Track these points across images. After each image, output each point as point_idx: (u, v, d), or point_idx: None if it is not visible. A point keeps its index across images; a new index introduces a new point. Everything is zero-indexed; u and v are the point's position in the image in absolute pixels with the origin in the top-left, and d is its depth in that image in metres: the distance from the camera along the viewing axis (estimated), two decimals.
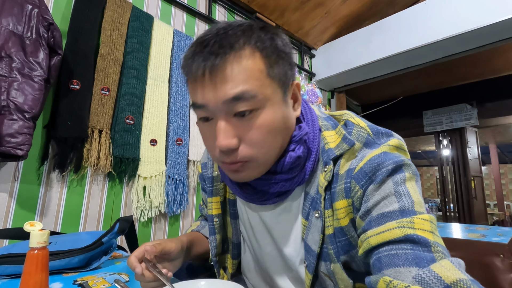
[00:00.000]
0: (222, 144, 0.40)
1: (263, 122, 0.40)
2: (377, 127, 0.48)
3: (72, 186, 1.14)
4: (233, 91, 0.38)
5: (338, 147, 0.45)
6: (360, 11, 2.31)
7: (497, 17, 1.55)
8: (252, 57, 0.39)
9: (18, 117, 0.87)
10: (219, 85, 0.39)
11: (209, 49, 0.39)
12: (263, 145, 0.42)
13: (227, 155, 0.41)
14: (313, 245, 0.46)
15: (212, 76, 0.39)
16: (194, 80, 0.41)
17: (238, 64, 0.39)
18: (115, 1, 1.28)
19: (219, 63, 0.38)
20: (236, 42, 0.39)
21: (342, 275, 0.44)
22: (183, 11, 1.65)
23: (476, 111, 3.55)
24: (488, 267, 0.80)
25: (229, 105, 0.39)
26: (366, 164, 0.41)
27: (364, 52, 2.15)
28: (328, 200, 0.45)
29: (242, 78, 0.39)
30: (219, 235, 0.60)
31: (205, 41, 0.40)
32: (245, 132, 0.41)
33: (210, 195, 0.59)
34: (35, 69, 0.91)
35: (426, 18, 1.85)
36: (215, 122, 0.41)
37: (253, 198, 0.49)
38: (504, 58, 2.81)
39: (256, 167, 0.43)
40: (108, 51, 1.22)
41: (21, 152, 0.87)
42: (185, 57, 0.42)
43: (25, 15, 0.92)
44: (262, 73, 0.40)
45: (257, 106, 0.40)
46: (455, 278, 0.29)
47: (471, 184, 3.57)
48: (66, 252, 0.61)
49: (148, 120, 1.35)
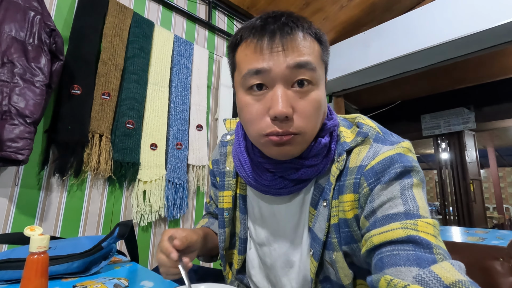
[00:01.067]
0: (281, 111, 0.41)
1: (315, 97, 0.44)
2: (385, 129, 0.51)
3: (72, 190, 1.14)
4: (300, 58, 0.42)
5: (353, 141, 0.48)
6: (358, 16, 2.33)
7: (491, 22, 1.58)
8: (313, 39, 0.45)
9: (19, 122, 0.87)
10: (287, 52, 0.42)
11: (283, 20, 0.43)
12: (313, 120, 0.44)
13: (279, 125, 0.42)
14: (319, 233, 0.47)
15: (282, 43, 0.42)
16: (261, 46, 0.42)
17: (305, 39, 0.43)
18: (116, 8, 1.29)
19: (290, 34, 0.42)
20: (302, 25, 0.44)
21: (343, 264, 0.45)
22: (183, 17, 1.66)
23: (474, 115, 3.56)
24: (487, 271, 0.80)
25: (292, 72, 0.42)
26: (379, 163, 0.42)
27: (362, 57, 2.17)
28: (337, 191, 0.46)
29: (307, 51, 0.43)
30: (228, 229, 0.60)
31: (276, 16, 0.44)
32: (300, 103, 0.43)
33: (222, 189, 0.60)
34: (37, 74, 0.92)
35: (422, 23, 1.87)
36: (270, 91, 0.43)
37: (270, 187, 0.50)
38: (501, 63, 2.84)
39: (302, 142, 0.45)
40: (109, 57, 1.23)
41: (22, 156, 0.88)
42: (249, 28, 0.45)
43: (28, 21, 0.93)
44: (319, 55, 0.45)
45: (315, 80, 0.43)
46: (454, 279, 0.30)
47: (470, 187, 3.57)
48: (65, 257, 0.60)
49: (148, 125, 1.36)
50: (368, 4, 2.23)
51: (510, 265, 0.78)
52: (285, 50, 0.41)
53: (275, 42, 0.42)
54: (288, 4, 1.98)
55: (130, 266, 0.69)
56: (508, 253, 0.81)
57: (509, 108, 3.37)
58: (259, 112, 0.43)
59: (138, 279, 0.59)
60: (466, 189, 3.59)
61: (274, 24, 0.42)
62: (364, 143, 0.47)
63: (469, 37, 1.68)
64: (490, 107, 3.52)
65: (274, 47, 0.42)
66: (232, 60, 0.48)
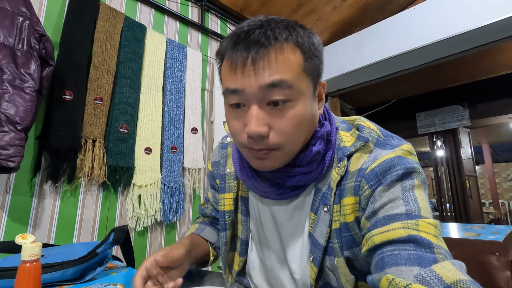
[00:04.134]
0: (254, 130, 0.40)
1: (294, 114, 0.42)
2: (386, 131, 0.50)
3: (65, 197, 1.12)
4: (271, 78, 0.40)
5: (353, 145, 0.47)
6: (351, 17, 2.35)
7: (482, 21, 1.60)
8: (293, 50, 0.41)
9: (10, 128, 0.86)
10: (259, 71, 0.40)
11: (255, 37, 0.40)
12: (291, 136, 0.43)
13: (255, 142, 0.42)
14: (320, 238, 0.47)
15: (254, 63, 0.40)
16: (234, 65, 0.42)
17: (280, 54, 0.40)
18: (107, 12, 1.28)
19: (262, 51, 0.40)
20: (280, 35, 0.41)
21: (344, 270, 0.45)
22: (176, 21, 1.66)
23: (468, 112, 3.60)
24: (484, 266, 0.80)
25: (265, 92, 0.40)
26: (379, 165, 0.42)
27: (356, 57, 2.19)
28: (338, 196, 0.46)
29: (282, 68, 0.40)
30: (229, 232, 0.60)
31: (250, 30, 0.42)
32: (276, 121, 0.42)
33: (223, 191, 0.60)
34: (27, 80, 0.90)
35: (414, 23, 1.89)
36: (247, 109, 0.42)
37: (268, 192, 0.50)
38: (493, 60, 2.87)
39: (281, 156, 0.44)
40: (100, 61, 1.23)
41: (13, 164, 0.86)
42: (226, 43, 0.44)
43: (16, 27, 0.92)
44: (299, 67, 0.42)
45: (291, 97, 0.41)
46: (455, 279, 0.30)
47: (466, 183, 3.60)
48: (59, 264, 0.59)
49: (142, 129, 1.35)
50: (361, 5, 2.25)
51: (506, 260, 0.79)
52: (256, 70, 0.40)
53: (247, 61, 0.40)
54: (281, 6, 1.99)
55: (127, 271, 0.68)
56: (504, 247, 0.81)
57: (502, 105, 3.41)
58: (238, 127, 0.44)
59: None
60: (462, 185, 3.62)
61: (246, 42, 0.41)
62: (364, 147, 0.46)
63: (461, 36, 1.70)
64: (483, 104, 3.56)
65: (246, 70, 0.40)
66: (219, 70, 0.48)
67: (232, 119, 0.45)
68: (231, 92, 0.42)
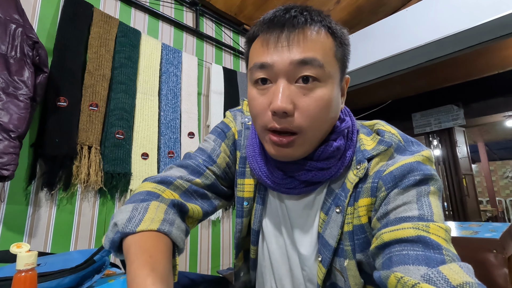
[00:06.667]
0: (280, 106, 0.40)
1: (322, 95, 0.41)
2: (406, 135, 0.49)
3: (61, 204, 1.11)
4: (304, 54, 0.40)
5: (374, 149, 0.46)
6: (345, 20, 2.37)
7: (474, 21, 1.62)
8: (326, 34, 0.43)
9: (3, 137, 0.85)
10: (292, 47, 0.40)
11: (291, 16, 0.42)
12: (315, 119, 0.42)
13: (278, 120, 0.41)
14: (330, 239, 0.46)
15: (288, 38, 0.41)
16: (267, 41, 0.42)
17: (314, 35, 0.41)
18: (101, 18, 1.28)
19: (298, 29, 0.41)
20: (316, 17, 0.43)
21: (355, 272, 0.45)
22: (170, 25, 1.66)
23: (463, 111, 3.63)
24: (482, 263, 0.80)
25: (296, 68, 0.40)
26: (398, 169, 0.42)
27: (350, 59, 2.20)
28: (353, 197, 0.45)
29: (315, 47, 0.41)
30: (246, 219, 0.56)
31: (288, 9, 0.43)
32: (303, 100, 0.41)
33: (243, 176, 0.56)
34: (20, 87, 0.90)
35: (407, 25, 1.91)
36: (273, 86, 0.42)
37: (280, 184, 0.49)
38: (486, 60, 2.91)
39: (302, 144, 0.43)
40: (95, 67, 1.22)
41: (7, 172, 0.85)
42: (260, 24, 0.44)
43: (9, 34, 0.92)
44: (331, 51, 0.43)
45: (321, 77, 0.41)
46: (462, 281, 0.30)
47: (462, 182, 3.62)
48: (56, 273, 0.59)
49: (138, 134, 1.34)
50: (355, 7, 2.27)
51: (504, 257, 0.79)
52: (290, 45, 0.40)
53: (281, 37, 0.41)
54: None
55: (124, 278, 0.67)
56: (501, 244, 0.82)
57: (496, 104, 3.45)
58: (263, 106, 0.43)
59: None
60: (459, 184, 3.64)
61: (283, 18, 0.42)
62: (386, 152, 0.46)
63: (454, 36, 1.72)
64: (478, 103, 3.60)
65: (280, 42, 0.41)
66: (247, 54, 0.48)
67: (256, 98, 0.44)
68: (259, 66, 0.42)
